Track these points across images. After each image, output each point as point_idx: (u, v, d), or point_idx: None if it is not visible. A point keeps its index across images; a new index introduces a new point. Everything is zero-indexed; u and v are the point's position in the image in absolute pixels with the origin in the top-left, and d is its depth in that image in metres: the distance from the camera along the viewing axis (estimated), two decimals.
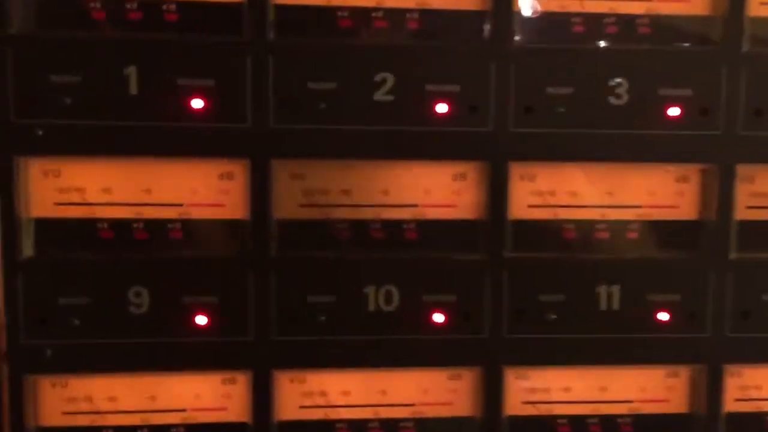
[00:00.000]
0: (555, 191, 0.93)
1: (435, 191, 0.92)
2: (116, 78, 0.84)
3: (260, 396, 0.91)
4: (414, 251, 0.92)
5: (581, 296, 0.92)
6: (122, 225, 0.88)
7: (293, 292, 0.90)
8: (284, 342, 0.90)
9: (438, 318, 0.92)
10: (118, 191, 0.88)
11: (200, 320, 0.89)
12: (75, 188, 0.87)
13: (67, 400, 0.89)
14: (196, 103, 0.86)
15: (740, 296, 0.93)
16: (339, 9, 0.88)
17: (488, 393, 0.93)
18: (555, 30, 0.90)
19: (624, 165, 0.92)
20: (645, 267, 0.93)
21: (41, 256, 0.87)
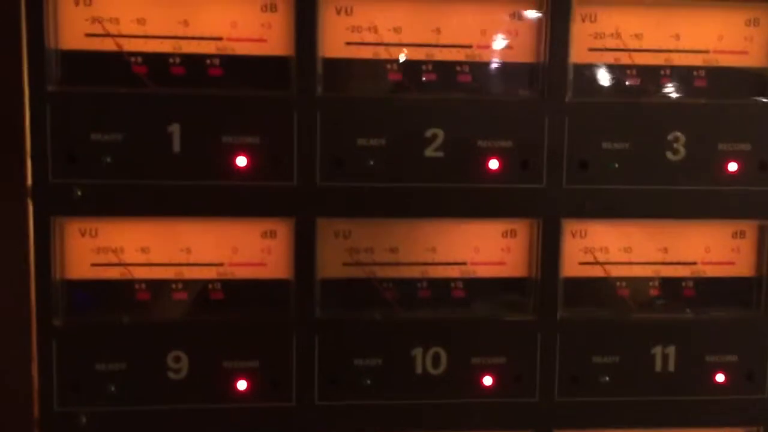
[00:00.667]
0: (608, 248, 0.90)
1: (484, 248, 0.89)
2: (159, 136, 0.81)
3: None
4: (462, 311, 0.88)
5: (636, 358, 0.89)
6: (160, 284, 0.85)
7: (337, 355, 0.86)
8: (328, 407, 0.87)
9: (487, 381, 0.88)
10: (156, 250, 0.85)
11: (241, 385, 0.85)
12: (112, 249, 0.84)
13: None
14: (241, 161, 0.82)
15: None
16: (388, 62, 0.85)
17: None
18: (610, 83, 0.87)
19: (680, 222, 0.89)
20: (701, 326, 0.90)
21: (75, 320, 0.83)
